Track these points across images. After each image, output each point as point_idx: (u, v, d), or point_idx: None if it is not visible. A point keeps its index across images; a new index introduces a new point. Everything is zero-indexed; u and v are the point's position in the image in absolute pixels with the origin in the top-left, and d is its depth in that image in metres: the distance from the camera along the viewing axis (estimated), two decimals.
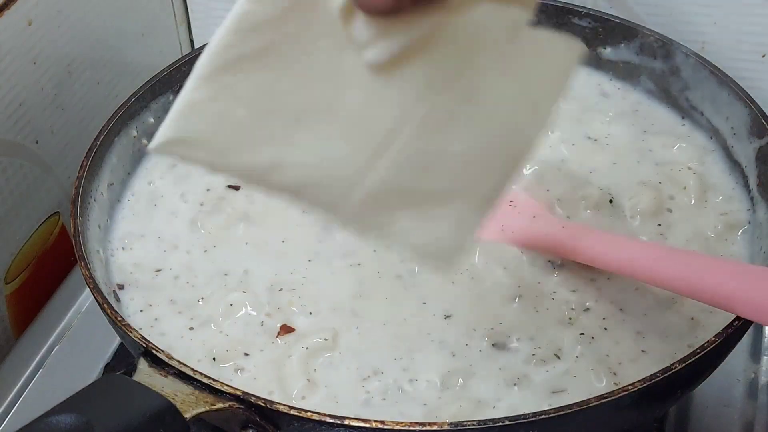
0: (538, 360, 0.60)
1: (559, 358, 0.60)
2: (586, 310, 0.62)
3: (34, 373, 0.75)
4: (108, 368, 0.75)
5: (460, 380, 0.59)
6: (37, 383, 0.75)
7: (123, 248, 0.68)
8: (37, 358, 0.76)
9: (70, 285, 0.82)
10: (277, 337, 0.62)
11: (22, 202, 0.79)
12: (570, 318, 0.62)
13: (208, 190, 0.72)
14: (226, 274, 0.66)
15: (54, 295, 0.82)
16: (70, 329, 0.79)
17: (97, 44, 0.86)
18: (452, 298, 0.63)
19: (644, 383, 0.53)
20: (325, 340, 0.61)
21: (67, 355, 0.77)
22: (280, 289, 0.65)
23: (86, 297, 0.81)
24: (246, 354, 0.61)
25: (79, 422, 0.47)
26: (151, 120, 0.74)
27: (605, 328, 0.62)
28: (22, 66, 0.77)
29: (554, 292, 0.64)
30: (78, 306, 0.81)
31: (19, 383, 0.75)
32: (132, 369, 0.55)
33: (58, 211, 0.84)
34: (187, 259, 0.67)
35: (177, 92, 0.76)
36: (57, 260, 0.84)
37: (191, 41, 1.00)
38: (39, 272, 0.82)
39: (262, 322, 0.63)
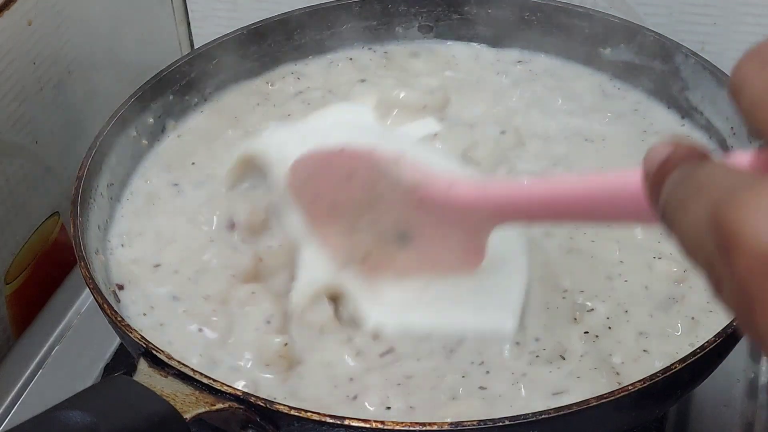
0: (543, 360, 0.59)
1: (564, 358, 0.59)
2: (590, 310, 0.62)
3: (34, 373, 0.75)
4: (108, 368, 0.74)
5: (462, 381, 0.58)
6: (37, 383, 0.75)
7: (122, 245, 0.67)
8: (37, 358, 0.76)
9: (70, 285, 0.82)
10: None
11: (22, 202, 0.79)
12: (575, 318, 0.62)
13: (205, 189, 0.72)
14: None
15: (54, 295, 0.82)
16: (70, 329, 0.79)
17: (97, 44, 0.86)
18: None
19: (644, 383, 0.52)
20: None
21: (67, 355, 0.77)
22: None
23: (86, 297, 0.81)
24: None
25: (86, 420, 0.46)
26: (151, 120, 0.74)
27: (609, 327, 0.61)
28: (22, 66, 0.77)
29: (565, 290, 0.63)
30: (78, 306, 0.80)
31: (19, 383, 0.75)
32: (132, 369, 0.54)
33: (57, 211, 0.84)
34: (185, 259, 0.67)
35: (177, 92, 0.76)
36: (57, 260, 0.84)
37: (191, 41, 1.00)
38: (39, 272, 0.82)
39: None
